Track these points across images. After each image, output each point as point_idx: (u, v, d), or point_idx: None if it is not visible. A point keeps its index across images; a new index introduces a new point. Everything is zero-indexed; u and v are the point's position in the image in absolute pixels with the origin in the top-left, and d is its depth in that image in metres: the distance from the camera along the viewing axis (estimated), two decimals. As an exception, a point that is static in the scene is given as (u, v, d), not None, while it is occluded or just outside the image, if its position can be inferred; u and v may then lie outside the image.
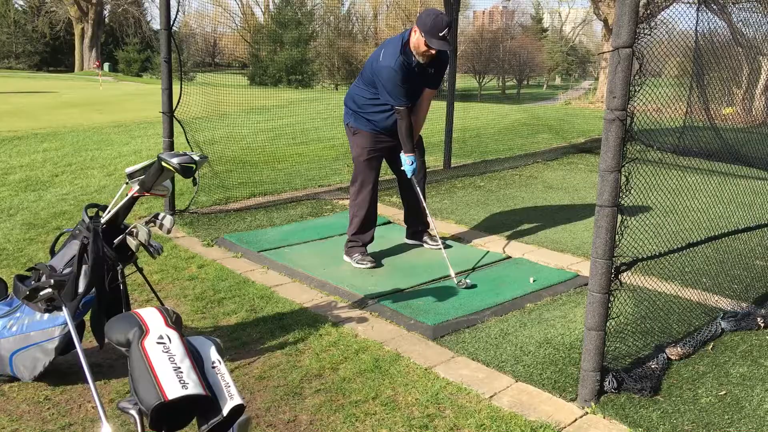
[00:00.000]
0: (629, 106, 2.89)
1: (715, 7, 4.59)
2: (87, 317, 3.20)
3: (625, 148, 2.93)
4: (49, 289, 2.80)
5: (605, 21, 20.68)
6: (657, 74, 3.36)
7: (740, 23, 4.97)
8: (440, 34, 4.36)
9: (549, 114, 14.74)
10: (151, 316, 2.25)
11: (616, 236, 2.98)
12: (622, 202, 2.96)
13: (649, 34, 2.93)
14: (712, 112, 5.32)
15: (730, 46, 4.90)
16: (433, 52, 4.47)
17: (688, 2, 4.20)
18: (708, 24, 4.34)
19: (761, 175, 5.56)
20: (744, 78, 5.83)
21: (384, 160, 5.03)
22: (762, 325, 3.80)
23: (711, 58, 4.59)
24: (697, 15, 4.25)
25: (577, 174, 7.98)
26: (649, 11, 2.94)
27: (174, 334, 2.19)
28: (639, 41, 2.84)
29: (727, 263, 4.49)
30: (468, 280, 4.49)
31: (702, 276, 4.30)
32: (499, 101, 32.48)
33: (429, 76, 4.71)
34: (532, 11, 61.57)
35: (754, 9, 4.98)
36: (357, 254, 4.89)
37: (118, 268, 3.12)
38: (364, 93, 4.79)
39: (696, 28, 4.31)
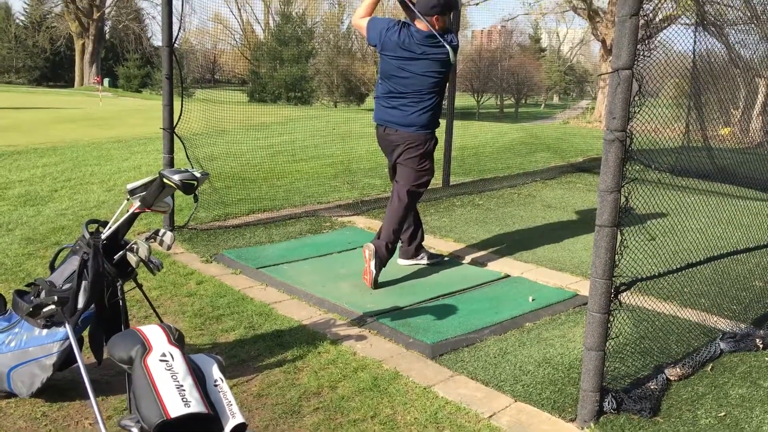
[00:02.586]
0: (629, 126, 2.90)
1: (712, 28, 4.64)
2: (85, 333, 3.19)
3: (624, 169, 2.94)
4: (53, 306, 2.80)
5: (603, 41, 20.83)
6: (655, 95, 3.39)
7: (737, 45, 5.01)
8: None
9: (547, 133, 14.80)
10: (153, 333, 2.24)
11: (616, 256, 2.99)
12: (622, 221, 2.97)
13: (648, 56, 2.96)
14: (709, 133, 5.35)
15: (727, 67, 4.95)
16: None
17: (686, 24, 4.24)
18: (705, 45, 4.39)
19: (759, 196, 5.59)
20: (741, 99, 5.88)
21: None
22: (761, 346, 3.80)
23: (708, 78, 4.63)
24: (695, 36, 4.30)
25: (576, 193, 8.01)
26: (648, 33, 2.98)
27: (177, 352, 2.19)
28: (638, 63, 2.87)
29: (725, 284, 4.50)
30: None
31: (701, 297, 4.31)
32: (497, 120, 32.63)
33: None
34: (531, 31, 62.04)
35: (750, 31, 5.02)
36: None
37: (118, 284, 3.11)
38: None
39: (693, 48, 4.36)
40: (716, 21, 4.60)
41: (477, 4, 18.47)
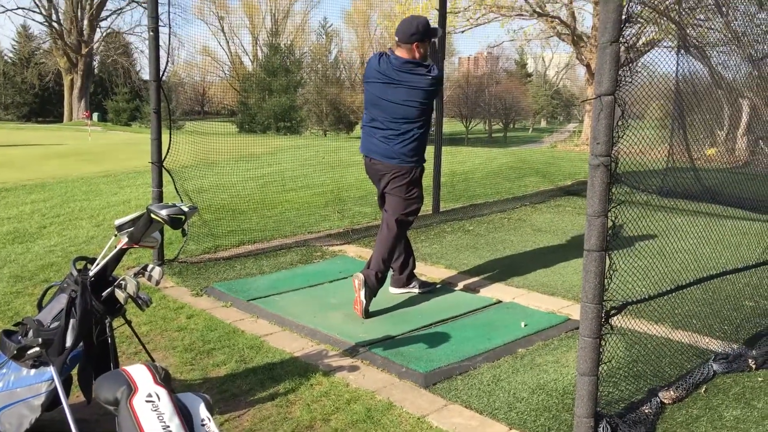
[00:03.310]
0: (613, 151, 2.92)
1: (694, 50, 4.70)
2: (74, 371, 3.15)
3: (611, 192, 2.95)
4: (37, 348, 2.77)
5: (588, 65, 21.06)
6: (639, 117, 3.42)
7: (719, 66, 5.08)
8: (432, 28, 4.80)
9: (535, 157, 14.88)
10: (139, 373, 2.22)
11: (605, 280, 2.99)
12: (610, 245, 2.98)
13: (630, 81, 3.00)
14: (695, 154, 5.40)
15: (710, 88, 5.00)
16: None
17: (668, 46, 4.30)
18: (688, 67, 4.44)
19: (747, 216, 5.62)
20: (726, 119, 5.94)
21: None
22: (753, 366, 3.80)
23: (692, 100, 4.68)
24: (678, 58, 4.36)
25: (565, 216, 8.03)
26: (629, 57, 3.02)
27: (163, 392, 2.16)
28: (620, 88, 2.90)
29: (716, 304, 4.51)
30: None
31: (692, 318, 4.31)
32: (485, 145, 32.83)
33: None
34: (517, 56, 62.74)
35: (732, 52, 5.09)
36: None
37: (107, 321, 3.09)
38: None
39: (677, 71, 4.41)
40: (698, 43, 4.67)
41: (463, 32, 18.68)
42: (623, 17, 2.84)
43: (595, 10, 19.84)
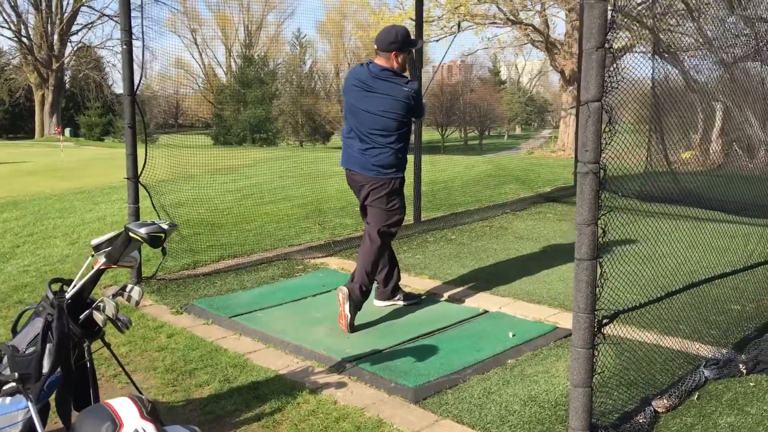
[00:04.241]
0: (602, 158, 2.88)
1: (667, 56, 4.71)
2: (52, 397, 3.03)
3: (600, 200, 2.90)
4: (13, 384, 2.64)
5: (562, 72, 21.20)
6: (616, 122, 3.38)
7: (692, 70, 5.09)
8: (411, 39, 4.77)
9: (514, 164, 14.91)
10: (124, 407, 2.11)
11: (597, 289, 2.94)
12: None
13: (617, 87, 2.96)
14: (672, 157, 5.40)
15: (684, 92, 5.02)
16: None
17: (642, 51, 4.29)
18: (663, 71, 4.45)
19: (730, 219, 5.63)
20: (700, 122, 5.97)
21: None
22: (744, 371, 3.77)
23: (668, 104, 4.68)
24: (653, 63, 4.35)
25: (546, 223, 8.02)
26: (616, 65, 2.98)
27: (150, 427, 2.06)
28: (608, 94, 2.86)
29: (703, 309, 4.48)
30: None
31: (680, 323, 4.28)
32: (462, 152, 32.91)
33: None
34: (490, 64, 63.13)
35: (704, 56, 5.12)
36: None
37: (85, 345, 2.97)
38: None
39: (652, 75, 4.41)
40: (671, 48, 4.68)
41: (438, 40, 18.71)
42: (608, 22, 2.81)
43: (567, 17, 20.01)
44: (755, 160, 6.46)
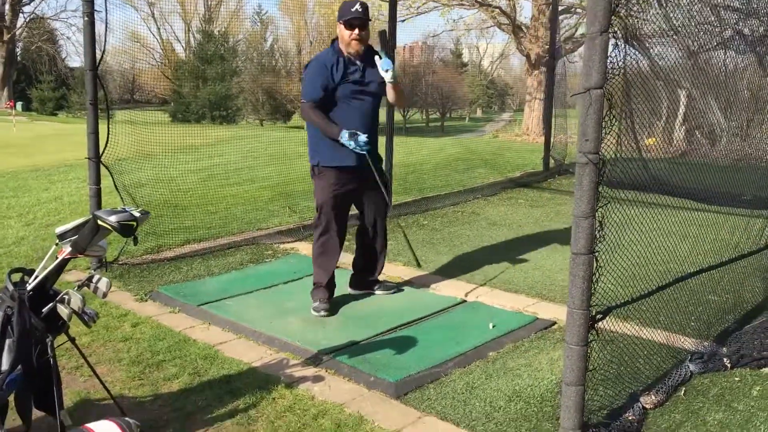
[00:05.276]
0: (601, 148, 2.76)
1: (635, 43, 4.63)
2: (11, 396, 2.81)
3: (598, 192, 2.78)
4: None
5: (528, 56, 21.14)
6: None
7: (657, 57, 5.04)
8: (353, 9, 4.38)
9: (482, 148, 14.83)
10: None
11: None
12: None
13: (619, 74, 2.84)
14: (640, 144, 5.35)
15: (650, 79, 4.97)
16: (357, 33, 4.39)
17: (614, 38, 4.20)
18: (633, 57, 4.38)
19: (699, 207, 5.60)
20: (664, 109, 5.94)
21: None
22: (729, 365, 3.73)
23: (638, 90, 4.62)
24: (625, 49, 4.27)
25: (519, 209, 7.94)
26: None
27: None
28: (609, 82, 2.74)
29: (682, 299, 4.43)
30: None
31: (660, 314, 4.21)
32: (423, 134, 32.75)
33: (370, 78, 4.53)
34: (452, 46, 62.99)
35: (670, 44, 5.06)
36: (315, 301, 4.66)
37: (48, 340, 2.75)
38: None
39: (624, 61, 4.33)
40: (638, 34, 4.61)
41: (403, 21, 18.43)
42: (613, 6, 2.67)
43: (534, 2, 19.92)
44: (717, 147, 6.47)
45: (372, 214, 4.80)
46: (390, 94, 4.60)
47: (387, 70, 4.42)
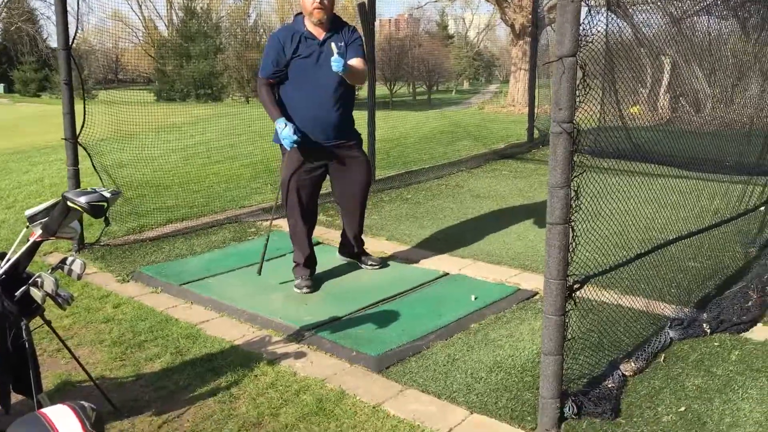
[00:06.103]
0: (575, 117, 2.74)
1: (619, 10, 4.60)
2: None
3: (573, 161, 2.77)
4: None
5: (512, 26, 20.98)
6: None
7: (641, 24, 5.01)
8: None
9: (466, 120, 14.77)
10: (63, 419, 1.87)
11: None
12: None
13: (592, 42, 2.82)
14: (623, 112, 5.34)
15: (634, 46, 4.94)
16: (320, 2, 4.28)
17: (596, 5, 4.17)
18: (616, 24, 4.34)
19: (678, 174, 5.60)
20: (648, 77, 5.92)
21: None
22: (708, 331, 3.76)
23: (621, 58, 4.59)
24: (607, 17, 4.23)
25: (502, 181, 7.93)
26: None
27: (95, 442, 1.85)
28: (582, 49, 2.71)
29: (662, 267, 4.44)
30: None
31: (640, 282, 4.23)
32: (410, 108, 32.61)
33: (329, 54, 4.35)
34: (438, 18, 62.52)
35: (652, 11, 5.03)
36: (297, 278, 4.64)
37: (22, 324, 2.73)
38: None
39: (606, 29, 4.29)
40: (620, 1, 4.57)
41: (386, -8, 18.22)
42: (584, -27, 2.64)
43: (518, -29, 19.73)
44: (701, 114, 6.46)
45: (347, 191, 4.75)
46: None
47: (337, 72, 4.24)
